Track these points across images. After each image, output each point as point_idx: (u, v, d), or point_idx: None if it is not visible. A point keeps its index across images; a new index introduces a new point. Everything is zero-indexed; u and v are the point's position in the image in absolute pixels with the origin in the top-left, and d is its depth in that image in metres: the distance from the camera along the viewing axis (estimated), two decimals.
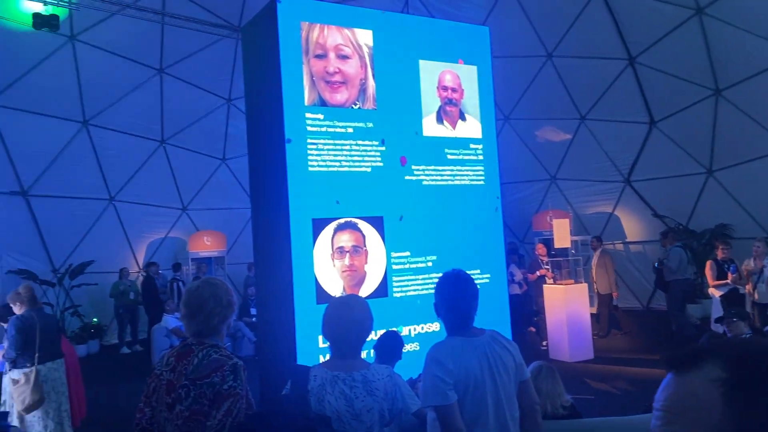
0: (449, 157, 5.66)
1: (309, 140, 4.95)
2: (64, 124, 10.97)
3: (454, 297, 2.41)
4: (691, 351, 0.81)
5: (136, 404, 2.27)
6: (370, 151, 5.26)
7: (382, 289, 5.14)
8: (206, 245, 13.24)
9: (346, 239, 5.08)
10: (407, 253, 5.31)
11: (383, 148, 5.30)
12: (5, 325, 5.14)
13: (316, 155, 4.98)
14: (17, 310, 5.13)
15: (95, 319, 11.68)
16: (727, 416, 0.73)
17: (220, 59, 11.84)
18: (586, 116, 12.58)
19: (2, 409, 5.04)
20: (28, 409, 4.82)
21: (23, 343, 4.92)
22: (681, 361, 0.81)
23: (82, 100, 10.90)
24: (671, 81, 10.67)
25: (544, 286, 9.08)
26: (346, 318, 2.31)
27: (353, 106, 5.23)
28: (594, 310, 10.05)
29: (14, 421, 4.94)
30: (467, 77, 5.88)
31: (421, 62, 5.58)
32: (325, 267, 4.93)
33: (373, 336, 3.49)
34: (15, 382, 4.89)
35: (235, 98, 12.81)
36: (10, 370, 4.99)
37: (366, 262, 5.14)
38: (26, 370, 4.90)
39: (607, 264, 10.26)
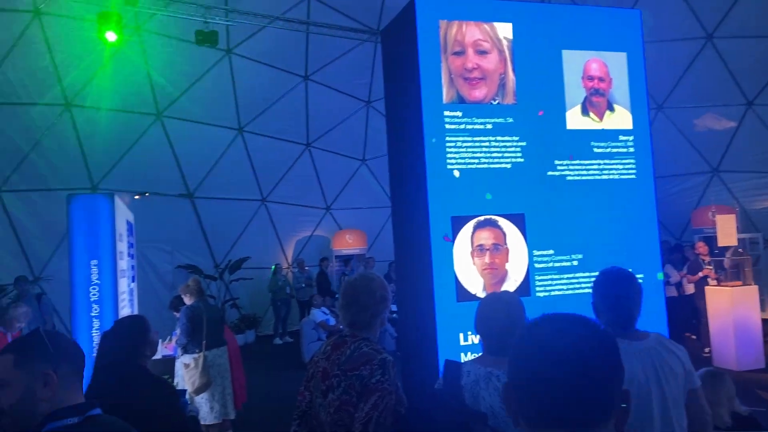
0: (596, 150, 5.34)
1: (447, 138, 4.94)
2: (223, 131, 11.98)
3: (616, 295, 2.27)
4: None
5: (288, 391, 2.42)
6: (510, 147, 5.12)
7: (524, 288, 4.99)
8: (348, 243, 13.77)
9: (485, 237, 4.99)
10: (551, 252, 5.10)
11: (524, 144, 5.14)
12: (177, 314, 5.74)
13: (455, 153, 4.95)
14: (187, 300, 5.70)
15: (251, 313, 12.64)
16: None
17: (359, 63, 12.24)
18: (753, 101, 11.28)
19: None
20: (197, 391, 5.33)
21: (192, 330, 5.44)
22: None
23: (237, 109, 11.83)
24: None
25: (707, 288, 8.28)
26: (501, 314, 2.27)
27: (492, 101, 5.13)
28: (766, 315, 9.00)
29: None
30: (616, 65, 5.52)
31: (565, 52, 5.32)
32: (465, 265, 4.89)
33: None
34: (186, 366, 5.43)
35: (374, 100, 13.17)
36: (181, 355, 5.55)
37: (507, 260, 5.01)
38: (195, 355, 5.42)
39: None
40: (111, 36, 8.44)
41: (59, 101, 10.04)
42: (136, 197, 11.11)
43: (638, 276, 5.52)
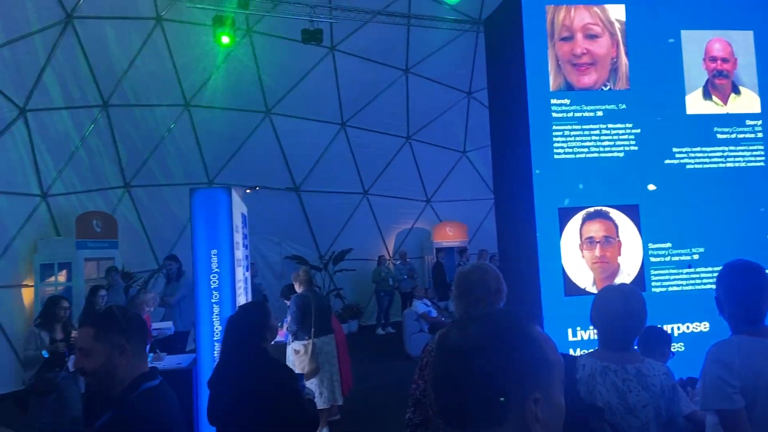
0: (719, 136, 4.97)
1: (554, 127, 4.80)
2: (326, 126, 12.35)
3: (743, 289, 2.12)
4: None
5: (391, 380, 2.47)
6: (623, 134, 4.89)
7: (639, 283, 4.76)
8: (449, 235, 13.74)
9: (596, 229, 4.80)
10: (668, 245, 4.82)
11: (638, 131, 4.88)
12: (288, 302, 6.02)
13: (562, 142, 4.80)
14: (297, 289, 5.96)
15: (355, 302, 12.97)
16: None
17: (460, 54, 12.13)
18: None
19: None
20: (307, 377, 5.57)
21: (302, 318, 5.69)
22: None
23: (340, 104, 12.14)
24: None
25: None
26: (620, 307, 2.18)
27: (603, 87, 4.92)
28: None
29: None
30: (741, 45, 5.09)
31: (684, 33, 4.99)
32: (574, 258, 4.74)
33: None
34: (296, 352, 5.68)
35: (476, 91, 13.01)
36: (292, 341, 5.82)
37: (619, 254, 4.80)
38: (305, 342, 5.66)
39: None
40: (225, 39, 8.94)
41: (179, 102, 10.79)
42: (248, 191, 11.72)
43: None
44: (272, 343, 2.91)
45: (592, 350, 2.31)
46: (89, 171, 10.23)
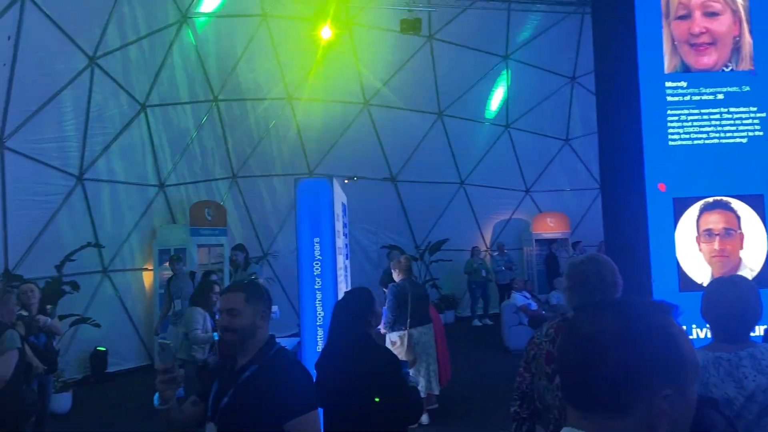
0: None
1: (669, 111, 4.51)
2: (423, 116, 12.34)
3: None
4: None
5: (489, 371, 2.44)
6: (746, 119, 4.51)
7: (764, 279, 4.38)
8: (549, 227, 13.34)
9: (715, 221, 4.47)
10: None
11: (763, 115, 4.48)
12: (386, 290, 6.11)
13: (678, 128, 4.50)
14: (396, 276, 6.01)
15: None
16: None
17: (564, 38, 11.69)
18: None
19: None
20: None
21: (397, 307, 5.74)
22: None
23: (437, 93, 12.08)
24: None
25: None
26: (731, 299, 2.05)
27: (724, 68, 4.55)
28: None
29: None
30: None
31: None
32: (690, 251, 4.44)
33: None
34: (393, 343, 5.75)
35: (580, 75, 12.50)
36: (389, 332, 5.89)
37: (741, 247, 4.44)
38: (401, 332, 5.72)
39: None
40: (326, 32, 9.15)
41: (282, 96, 11.20)
42: (346, 181, 11.98)
43: None
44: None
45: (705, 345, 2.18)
46: (201, 162, 10.88)
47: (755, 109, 4.51)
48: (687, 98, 4.54)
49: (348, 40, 10.89)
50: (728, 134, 4.53)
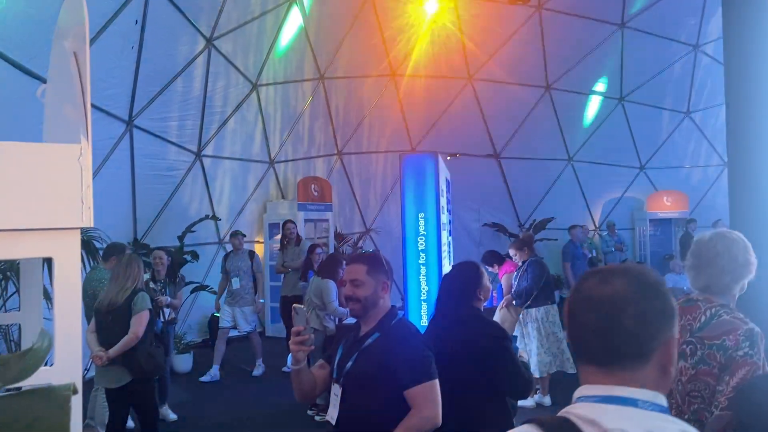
0: None
1: None
2: (530, 90, 11.91)
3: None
4: None
5: None
6: None
7: None
8: (666, 205, 12.53)
9: None
10: None
11: None
12: (490, 269, 6.05)
13: None
14: (522, 255, 5.96)
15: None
16: None
17: (686, 2, 10.79)
18: None
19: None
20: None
21: (539, 284, 5.82)
22: None
23: (546, 66, 11.60)
24: None
25: None
26: None
27: None
28: None
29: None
30: None
31: None
32: None
33: None
34: (536, 320, 5.81)
35: (704, 43, 11.52)
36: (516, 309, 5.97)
37: None
38: (545, 308, 5.83)
39: None
40: (431, 7, 9.02)
41: (386, 72, 11.24)
42: (448, 158, 11.87)
43: None
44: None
45: None
46: (308, 140, 11.21)
47: None
48: None
49: (452, 14, 10.69)
50: None
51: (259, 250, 10.39)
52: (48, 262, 1.36)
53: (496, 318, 6.00)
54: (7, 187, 1.21)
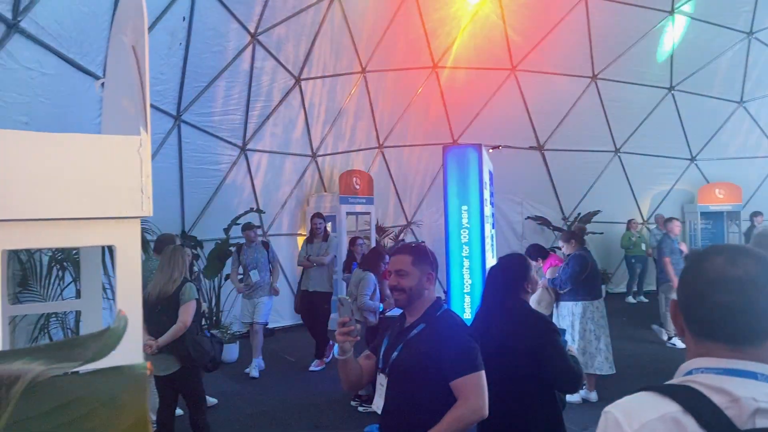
0: None
1: None
2: (575, 80, 11.65)
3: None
4: None
5: (650, 353, 2.25)
6: None
7: None
8: (718, 198, 12.11)
9: None
10: None
11: None
12: (535, 264, 5.99)
13: None
14: (570, 248, 5.88)
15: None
16: None
17: None
18: None
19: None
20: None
21: (578, 278, 5.71)
22: None
23: (591, 55, 11.33)
24: None
25: None
26: None
27: None
28: None
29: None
30: None
31: None
32: None
33: None
34: (573, 314, 5.71)
35: (758, 30, 11.06)
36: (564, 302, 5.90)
37: None
38: (585, 303, 5.73)
39: None
40: None
41: (428, 64, 11.17)
42: (490, 150, 11.73)
43: None
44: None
45: None
46: (349, 133, 11.26)
47: None
48: None
49: (496, 4, 10.54)
50: None
51: (300, 242, 10.52)
52: (109, 250, 1.41)
53: (533, 299, 5.93)
54: (72, 178, 1.25)
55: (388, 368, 2.31)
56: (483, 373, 2.21)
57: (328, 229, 8.71)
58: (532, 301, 5.75)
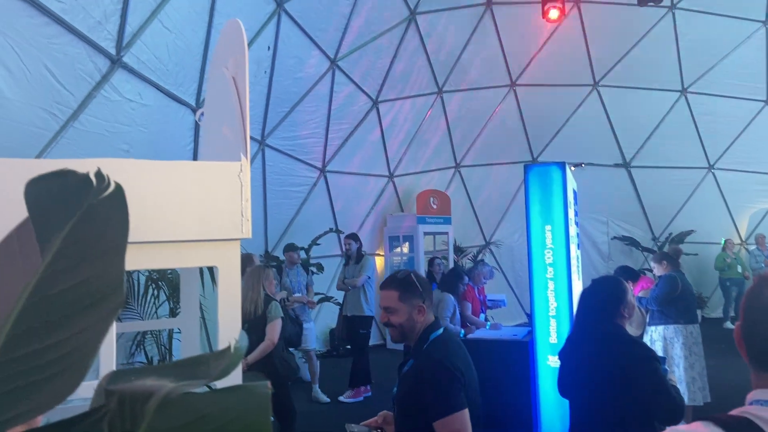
0: None
1: None
2: (663, 95, 11.17)
3: None
4: None
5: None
6: None
7: None
8: None
9: None
10: None
11: None
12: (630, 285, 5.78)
13: None
14: (662, 269, 5.65)
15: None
16: None
17: None
18: None
19: None
20: None
21: (666, 299, 5.47)
22: None
23: (680, 69, 10.84)
24: None
25: None
26: None
27: None
28: None
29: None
30: None
31: None
32: None
33: None
34: (664, 339, 5.47)
35: None
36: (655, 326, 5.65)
37: None
38: (674, 327, 5.52)
39: None
40: (553, 13, 8.79)
41: (506, 83, 11.06)
42: (572, 168, 11.40)
43: None
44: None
45: None
46: (426, 152, 11.30)
47: None
48: None
49: (576, 20, 10.32)
50: None
51: (379, 262, 10.59)
52: (209, 270, 1.47)
53: None
54: (177, 202, 1.33)
55: (393, 403, 2.30)
56: (463, 412, 2.10)
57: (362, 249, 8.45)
58: None
